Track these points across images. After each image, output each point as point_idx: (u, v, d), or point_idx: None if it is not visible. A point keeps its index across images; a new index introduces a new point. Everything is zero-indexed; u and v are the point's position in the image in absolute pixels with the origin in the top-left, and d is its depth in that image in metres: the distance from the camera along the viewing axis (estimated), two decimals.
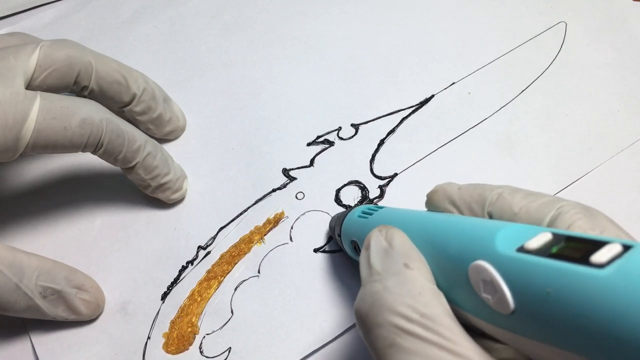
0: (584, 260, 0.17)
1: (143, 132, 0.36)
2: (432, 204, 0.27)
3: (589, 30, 0.43)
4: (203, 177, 0.40)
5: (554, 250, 0.18)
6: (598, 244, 0.17)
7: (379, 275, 0.23)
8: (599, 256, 0.16)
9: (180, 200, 0.39)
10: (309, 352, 0.33)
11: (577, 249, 0.18)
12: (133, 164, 0.35)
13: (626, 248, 0.16)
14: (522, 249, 0.19)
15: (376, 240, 0.24)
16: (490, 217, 0.24)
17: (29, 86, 0.32)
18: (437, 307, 0.21)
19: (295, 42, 0.46)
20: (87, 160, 0.41)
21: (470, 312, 0.21)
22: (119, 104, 0.37)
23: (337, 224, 0.34)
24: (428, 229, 0.24)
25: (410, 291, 0.21)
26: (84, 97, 0.35)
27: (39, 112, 0.31)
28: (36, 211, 0.39)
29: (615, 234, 0.21)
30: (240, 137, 0.41)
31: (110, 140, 0.33)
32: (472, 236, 0.21)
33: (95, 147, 0.33)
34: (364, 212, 0.30)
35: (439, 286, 0.22)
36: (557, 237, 0.19)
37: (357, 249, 0.31)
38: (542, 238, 0.19)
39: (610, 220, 0.22)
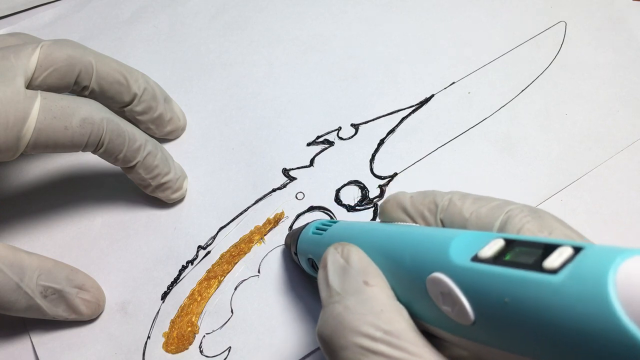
0: (537, 266, 0.17)
1: (143, 131, 0.36)
2: (385, 214, 0.27)
3: (589, 30, 0.43)
4: (203, 177, 0.40)
5: (508, 257, 0.18)
6: (549, 248, 0.17)
7: (338, 296, 0.22)
8: (551, 261, 0.16)
9: (180, 200, 0.39)
10: (309, 351, 0.33)
11: (530, 254, 0.17)
12: (133, 163, 0.35)
13: (577, 250, 0.16)
14: (476, 258, 0.19)
15: (333, 259, 0.24)
16: (443, 223, 0.24)
17: (30, 86, 0.32)
18: (400, 323, 0.20)
19: (295, 42, 0.46)
20: (87, 160, 0.41)
21: (433, 323, 0.21)
22: (120, 104, 0.37)
23: (292, 241, 0.33)
24: (383, 243, 0.23)
25: (372, 309, 0.21)
26: (85, 97, 0.35)
27: (39, 111, 0.31)
28: (36, 211, 0.39)
29: (564, 234, 0.21)
30: (240, 137, 0.41)
31: (110, 139, 0.33)
32: (426, 248, 0.21)
33: (96, 147, 0.33)
34: (318, 229, 0.30)
35: (399, 300, 0.22)
36: (509, 243, 0.19)
37: (314, 266, 0.30)
38: (494, 245, 0.19)
39: (558, 219, 0.22)
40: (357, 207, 0.37)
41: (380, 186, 0.38)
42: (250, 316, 0.34)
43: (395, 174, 0.38)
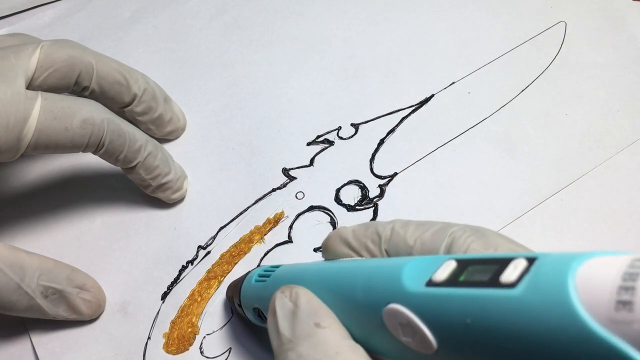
0: (495, 282, 0.16)
1: (143, 132, 0.36)
2: (328, 250, 0.26)
3: (589, 30, 0.43)
4: (203, 177, 0.40)
5: (462, 277, 0.18)
6: (503, 262, 0.17)
7: (290, 343, 0.21)
8: (508, 275, 0.16)
9: (180, 200, 0.39)
10: None
11: (484, 271, 0.17)
12: (134, 164, 0.35)
13: (530, 261, 0.16)
14: (431, 283, 0.18)
15: (281, 304, 0.23)
16: (388, 254, 0.23)
17: (30, 86, 0.32)
18: None
19: (295, 41, 0.46)
20: (88, 160, 0.41)
21: (393, 357, 0.20)
22: (120, 104, 0.37)
23: (234, 293, 0.32)
24: (332, 281, 0.23)
25: (326, 353, 0.20)
26: (85, 97, 0.35)
27: (40, 112, 0.31)
28: (37, 211, 0.39)
29: (510, 248, 0.20)
30: (240, 137, 0.41)
31: (111, 140, 0.33)
32: (378, 279, 0.20)
33: (97, 148, 0.33)
34: (260, 276, 0.29)
35: (355, 339, 0.21)
36: (461, 263, 0.18)
37: (261, 316, 0.29)
38: (447, 267, 0.18)
39: (501, 235, 0.21)
40: (357, 207, 0.37)
41: (380, 186, 0.38)
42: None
43: (395, 174, 0.38)
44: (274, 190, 0.39)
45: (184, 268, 0.36)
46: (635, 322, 0.13)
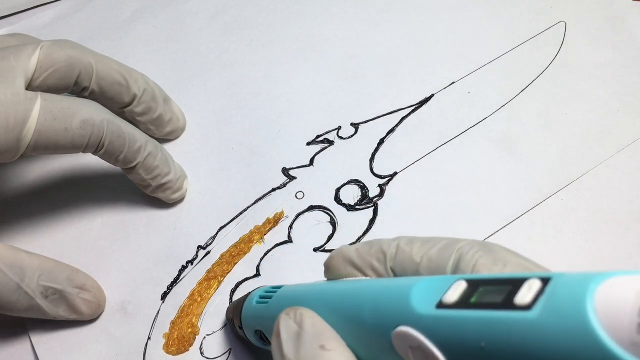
0: (509, 304, 0.16)
1: (143, 132, 0.36)
2: (332, 271, 0.25)
3: (588, 30, 0.43)
4: (203, 177, 0.40)
5: (474, 299, 0.17)
6: (516, 283, 0.16)
7: None
8: (522, 297, 0.16)
9: (180, 200, 0.39)
10: None
11: (497, 292, 0.17)
12: (134, 164, 0.35)
13: (545, 281, 0.16)
14: (442, 305, 0.18)
15: (285, 325, 0.22)
16: (394, 272, 0.23)
17: (30, 87, 0.32)
18: None
19: (295, 41, 0.46)
20: (88, 160, 0.41)
21: None
22: (120, 105, 0.37)
23: (235, 315, 0.31)
24: (338, 302, 0.22)
25: None
26: (85, 98, 0.35)
27: (40, 113, 0.31)
28: (37, 211, 0.39)
29: (518, 264, 0.20)
30: (240, 137, 0.41)
31: (111, 141, 0.33)
32: (386, 301, 0.20)
33: (97, 148, 0.33)
34: (262, 297, 0.28)
35: None
36: (472, 284, 0.18)
37: (264, 338, 0.28)
38: (458, 288, 0.18)
39: (509, 250, 0.21)
40: (357, 207, 0.37)
41: (380, 185, 0.38)
42: None
43: (396, 174, 0.38)
44: (273, 190, 0.39)
45: (184, 268, 0.37)
46: None
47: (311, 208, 0.38)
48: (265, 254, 0.37)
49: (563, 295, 0.15)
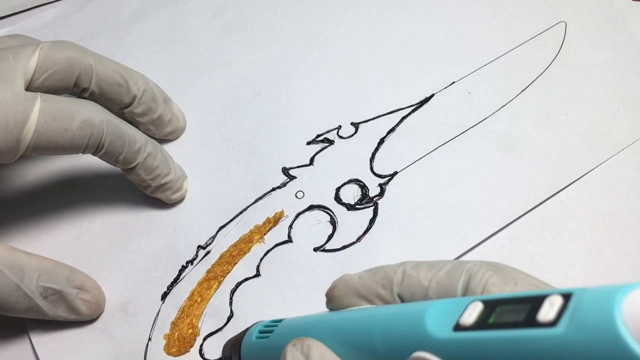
0: (531, 321, 0.16)
1: (143, 133, 0.36)
2: (335, 300, 0.25)
3: (589, 30, 0.43)
4: (203, 177, 0.40)
5: (492, 319, 0.17)
6: (535, 300, 0.16)
7: None
8: (545, 314, 0.15)
9: (180, 200, 0.39)
10: None
11: (516, 311, 0.16)
12: (134, 164, 0.35)
13: (566, 297, 0.16)
14: (459, 327, 0.17)
15: (292, 357, 0.22)
16: (401, 298, 0.22)
17: (29, 88, 0.32)
18: None
19: (295, 41, 0.46)
20: (87, 160, 0.41)
21: None
22: (119, 106, 0.37)
23: (232, 352, 0.29)
24: (345, 331, 0.22)
25: None
26: (84, 98, 0.35)
27: (39, 113, 0.31)
28: (36, 212, 0.39)
29: (529, 282, 0.20)
30: (240, 137, 0.41)
31: (111, 141, 0.33)
32: (399, 327, 0.19)
33: (96, 149, 0.33)
34: (261, 332, 0.27)
35: None
36: (488, 304, 0.17)
37: None
38: (474, 309, 0.18)
39: (517, 270, 0.21)
40: (357, 206, 0.37)
41: (380, 185, 0.38)
42: (250, 317, 0.34)
43: (396, 173, 0.38)
44: (273, 189, 0.39)
45: (183, 268, 0.37)
46: None
47: (311, 207, 0.38)
48: (265, 254, 0.37)
49: (589, 309, 0.15)
